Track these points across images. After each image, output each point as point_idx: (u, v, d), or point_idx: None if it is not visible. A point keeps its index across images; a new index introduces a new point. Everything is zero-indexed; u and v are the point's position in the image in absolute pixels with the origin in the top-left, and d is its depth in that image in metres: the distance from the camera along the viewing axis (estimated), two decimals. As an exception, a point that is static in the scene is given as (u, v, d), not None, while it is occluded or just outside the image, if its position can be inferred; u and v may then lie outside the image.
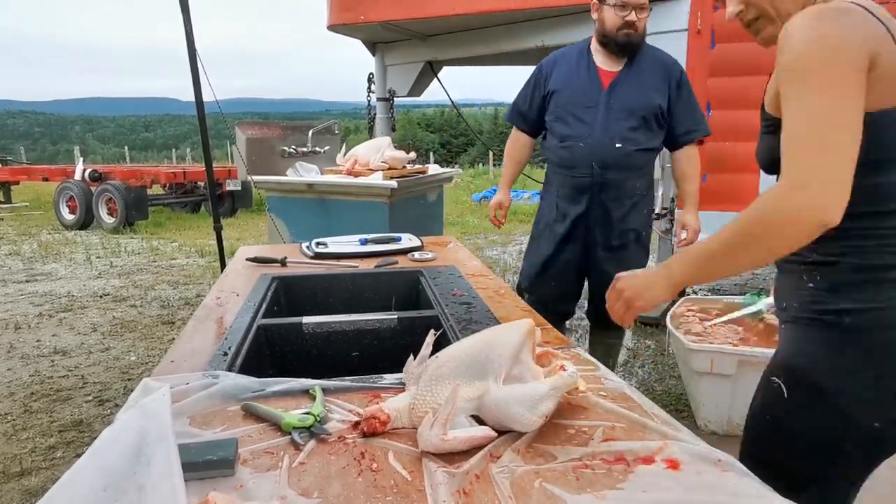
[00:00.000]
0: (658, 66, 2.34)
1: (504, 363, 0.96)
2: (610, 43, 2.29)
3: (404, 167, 3.51)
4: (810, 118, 0.88)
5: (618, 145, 2.30)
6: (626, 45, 2.28)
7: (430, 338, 1.07)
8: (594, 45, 2.38)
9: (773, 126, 0.99)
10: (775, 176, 1.00)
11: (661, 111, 2.32)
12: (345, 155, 3.55)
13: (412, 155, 3.64)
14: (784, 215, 0.87)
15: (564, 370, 0.97)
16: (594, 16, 2.33)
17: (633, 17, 2.22)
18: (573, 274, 2.50)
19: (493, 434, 0.90)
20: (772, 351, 1.13)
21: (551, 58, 2.47)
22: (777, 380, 1.03)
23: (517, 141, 2.60)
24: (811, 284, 1.01)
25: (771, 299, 1.32)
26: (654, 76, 2.33)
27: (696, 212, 2.45)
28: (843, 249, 0.97)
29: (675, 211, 3.50)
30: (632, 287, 1.06)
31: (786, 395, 1.03)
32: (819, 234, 0.86)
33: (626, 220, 2.39)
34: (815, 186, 0.85)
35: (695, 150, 2.42)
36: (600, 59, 2.36)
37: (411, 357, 1.06)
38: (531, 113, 2.50)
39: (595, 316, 2.66)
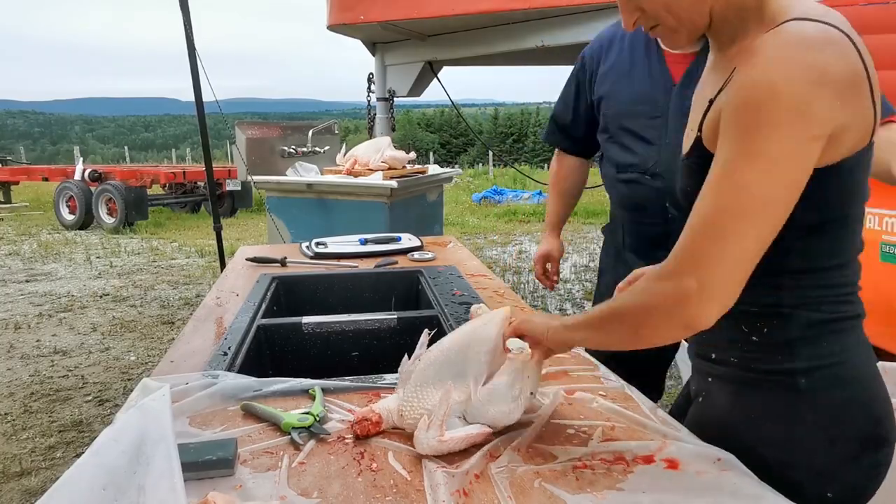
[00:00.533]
0: None
1: (483, 364, 0.94)
2: None
3: (404, 167, 3.51)
4: (725, 192, 0.73)
5: None
6: None
7: (425, 337, 1.06)
8: None
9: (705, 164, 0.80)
10: None
11: None
12: (345, 155, 3.55)
13: (412, 155, 3.63)
14: (652, 309, 0.77)
15: (509, 351, 0.93)
16: None
17: None
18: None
19: (489, 430, 0.90)
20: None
21: (597, 43, 1.71)
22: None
23: (561, 167, 1.91)
24: (755, 338, 0.85)
25: None
26: None
27: None
28: (795, 301, 0.84)
29: None
30: (532, 332, 0.93)
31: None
32: (689, 335, 0.78)
33: None
34: (693, 287, 0.73)
35: None
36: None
37: (406, 356, 1.06)
38: (577, 127, 1.80)
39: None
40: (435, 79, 5.00)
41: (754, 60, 0.73)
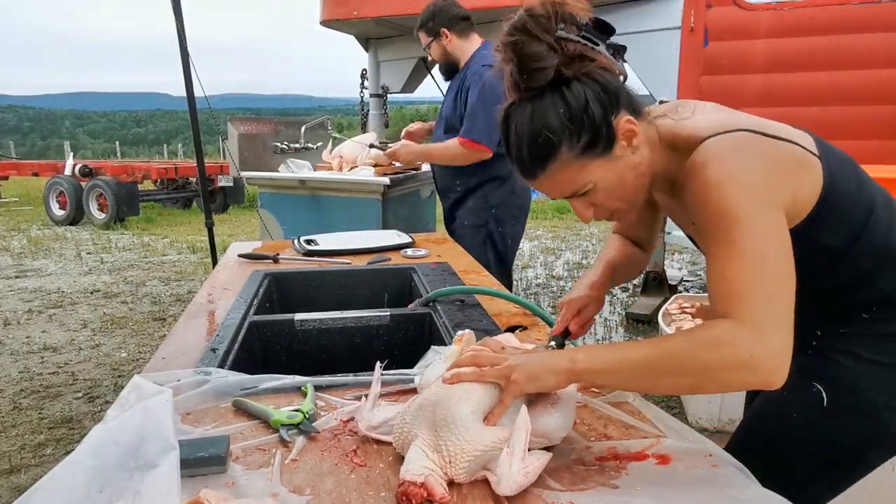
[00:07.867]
0: (465, 78, 2.68)
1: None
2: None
3: (391, 164, 3.45)
4: (753, 263, 0.80)
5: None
6: (442, 70, 2.88)
7: (377, 372, 0.99)
8: None
9: None
10: None
11: (460, 117, 2.66)
12: (331, 151, 3.51)
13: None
14: (737, 366, 0.77)
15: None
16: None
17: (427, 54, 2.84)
18: None
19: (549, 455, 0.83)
20: None
21: None
22: (818, 386, 1.00)
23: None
24: (866, 315, 1.00)
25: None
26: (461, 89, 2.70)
27: (411, 152, 2.96)
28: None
29: None
30: (523, 370, 0.85)
31: (825, 402, 1.00)
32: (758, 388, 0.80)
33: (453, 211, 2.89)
34: (775, 343, 0.77)
35: (453, 142, 2.67)
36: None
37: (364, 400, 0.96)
38: None
39: None
40: (428, 75, 4.99)
41: (704, 171, 0.84)
